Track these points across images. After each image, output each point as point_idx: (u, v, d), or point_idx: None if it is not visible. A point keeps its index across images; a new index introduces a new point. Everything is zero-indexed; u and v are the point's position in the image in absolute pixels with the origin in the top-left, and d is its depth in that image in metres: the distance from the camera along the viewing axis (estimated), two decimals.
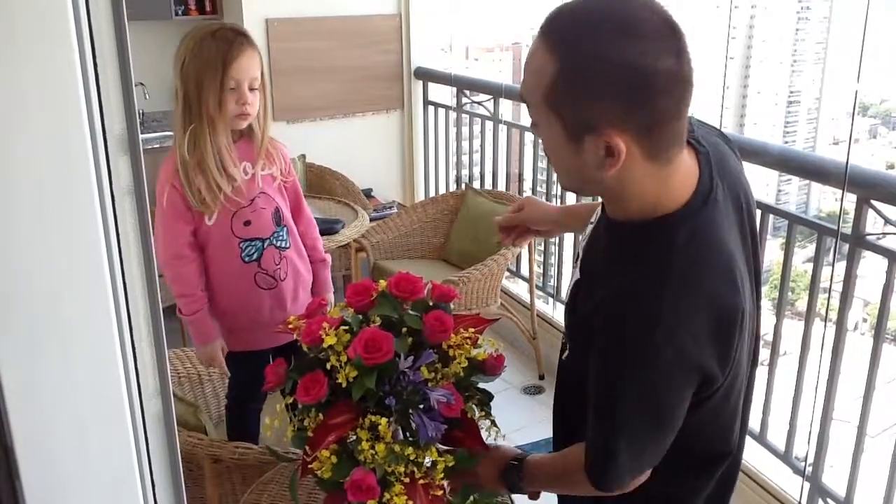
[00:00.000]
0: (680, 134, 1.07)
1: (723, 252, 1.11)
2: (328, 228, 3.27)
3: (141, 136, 0.71)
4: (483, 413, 1.40)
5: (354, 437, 1.29)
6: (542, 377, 3.60)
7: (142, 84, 4.24)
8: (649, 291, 1.07)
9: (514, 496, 1.77)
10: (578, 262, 1.29)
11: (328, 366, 1.30)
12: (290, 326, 1.43)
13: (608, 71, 0.98)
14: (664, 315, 1.05)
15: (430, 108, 4.69)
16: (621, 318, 1.09)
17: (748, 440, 2.72)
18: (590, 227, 1.32)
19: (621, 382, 1.10)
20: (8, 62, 0.60)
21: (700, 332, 1.07)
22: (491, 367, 1.41)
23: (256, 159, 2.12)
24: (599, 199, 1.25)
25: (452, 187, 4.61)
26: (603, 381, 1.13)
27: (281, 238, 2.18)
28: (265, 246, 2.14)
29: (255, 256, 2.13)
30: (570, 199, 3.76)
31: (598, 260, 1.21)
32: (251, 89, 2.02)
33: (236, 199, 2.08)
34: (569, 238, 3.97)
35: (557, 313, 3.81)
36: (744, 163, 1.31)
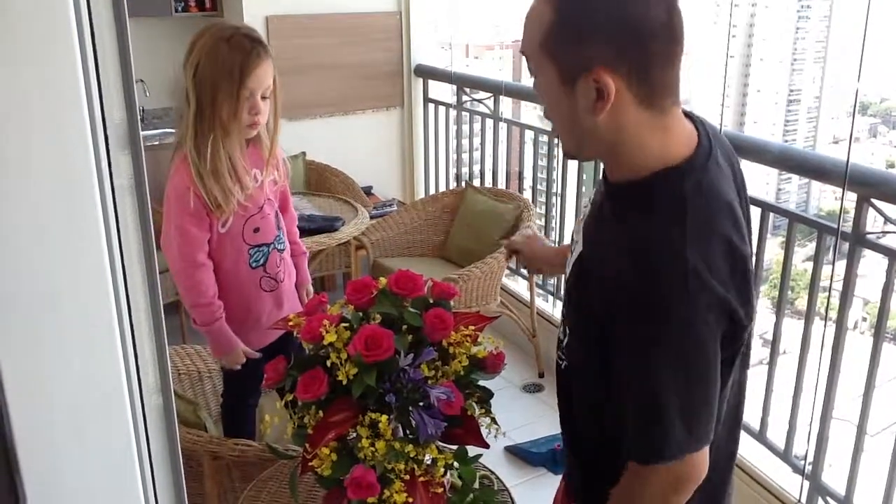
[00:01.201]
0: (672, 86, 1.10)
1: (730, 205, 1.13)
2: (328, 226, 3.27)
3: (141, 133, 0.71)
4: (483, 411, 1.40)
5: (354, 435, 1.29)
6: (541, 375, 3.60)
7: (141, 81, 4.24)
8: (671, 240, 1.07)
9: (513, 495, 1.77)
10: (579, 237, 1.27)
11: (328, 363, 1.30)
12: (291, 324, 1.43)
13: (602, 14, 1.05)
14: (690, 259, 1.05)
15: (431, 106, 4.69)
16: (648, 273, 1.07)
17: (749, 439, 2.73)
18: (587, 210, 1.31)
19: (661, 338, 1.08)
20: (9, 59, 0.60)
21: (724, 274, 1.08)
22: (491, 365, 1.41)
23: (265, 166, 2.13)
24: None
25: (452, 185, 4.61)
26: (638, 342, 1.10)
27: (281, 241, 2.21)
28: (270, 250, 2.16)
29: (261, 262, 2.15)
30: (569, 194, 3.77)
31: (605, 223, 1.20)
32: (263, 98, 2.01)
33: (248, 206, 2.08)
34: (567, 235, 3.97)
35: (557, 311, 3.81)
36: (744, 161, 1.32)
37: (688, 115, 1.18)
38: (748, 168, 2.70)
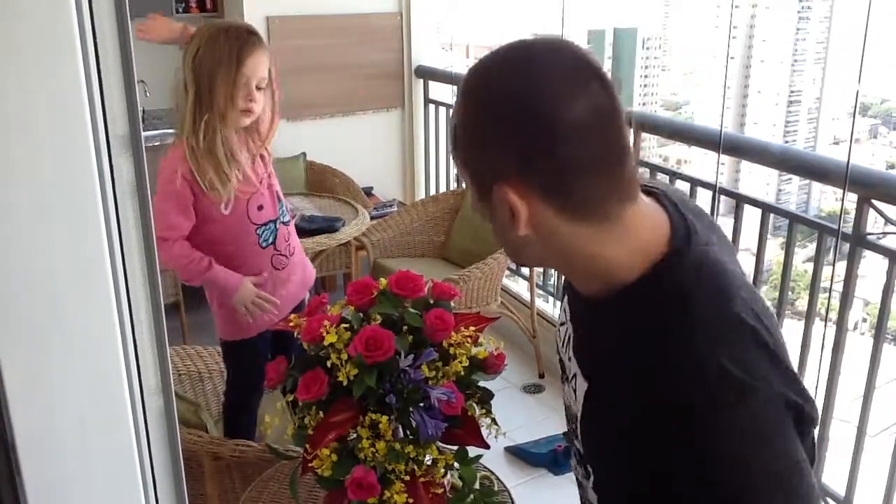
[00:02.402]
0: (616, 188, 0.91)
1: (738, 276, 0.96)
2: (328, 226, 3.27)
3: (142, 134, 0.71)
4: (483, 411, 1.40)
5: (355, 436, 1.29)
6: (541, 376, 3.60)
7: (142, 82, 4.24)
8: (689, 351, 0.87)
9: (514, 496, 1.77)
10: (571, 360, 1.07)
11: (329, 364, 1.30)
12: (292, 324, 1.44)
13: (500, 116, 0.88)
14: (723, 363, 0.85)
15: (431, 107, 4.69)
16: (681, 399, 0.87)
17: None
18: (565, 329, 1.12)
19: (734, 470, 0.85)
20: (11, 61, 0.60)
21: (763, 367, 0.88)
22: (491, 366, 1.41)
23: (258, 150, 2.18)
24: None
25: (453, 186, 4.61)
26: (709, 488, 0.86)
27: (284, 213, 2.25)
28: (277, 226, 2.21)
29: (270, 240, 2.19)
30: None
31: (603, 346, 1.00)
32: (258, 88, 2.06)
33: (246, 186, 2.12)
34: None
35: (557, 312, 3.81)
36: (744, 162, 1.28)
37: (646, 190, 0.99)
38: (749, 169, 2.70)
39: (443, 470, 1.33)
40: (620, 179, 0.91)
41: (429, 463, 1.32)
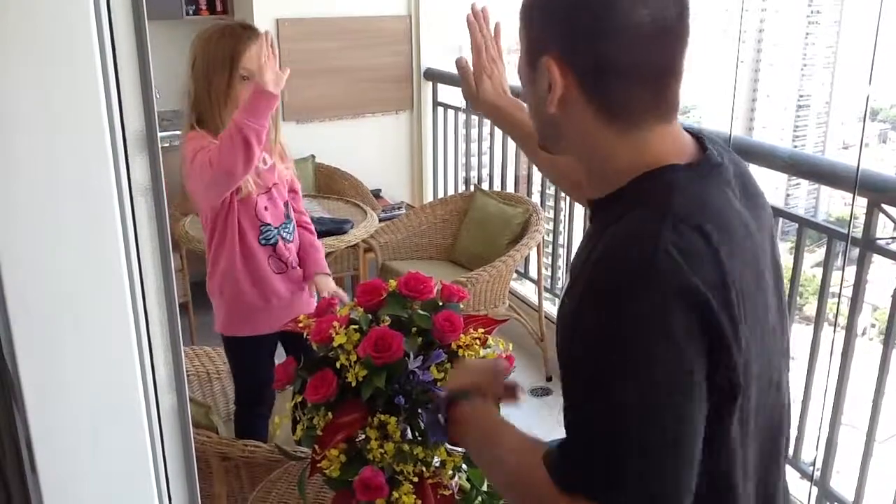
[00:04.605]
0: (655, 106, 0.92)
1: (738, 218, 0.93)
2: (337, 228, 3.28)
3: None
4: None
5: (363, 437, 1.29)
6: (549, 379, 3.60)
7: None
8: (646, 229, 0.86)
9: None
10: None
11: (338, 365, 1.30)
12: (301, 325, 1.44)
13: None
14: (663, 239, 0.83)
15: (440, 110, 4.69)
16: (607, 259, 0.87)
17: None
18: None
19: (618, 338, 0.83)
20: (29, 62, 0.61)
21: (708, 276, 0.84)
22: None
23: (272, 151, 2.19)
24: None
25: (461, 188, 4.61)
26: (587, 367, 0.87)
27: (287, 231, 2.26)
28: (276, 235, 2.22)
29: (271, 241, 2.21)
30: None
31: (583, 249, 0.99)
32: None
33: (259, 182, 2.15)
34: (577, 240, 3.96)
35: None
36: (753, 166, 1.28)
37: (700, 137, 0.99)
38: (757, 173, 2.70)
39: (451, 472, 1.33)
40: (661, 99, 0.92)
41: (437, 464, 1.32)
